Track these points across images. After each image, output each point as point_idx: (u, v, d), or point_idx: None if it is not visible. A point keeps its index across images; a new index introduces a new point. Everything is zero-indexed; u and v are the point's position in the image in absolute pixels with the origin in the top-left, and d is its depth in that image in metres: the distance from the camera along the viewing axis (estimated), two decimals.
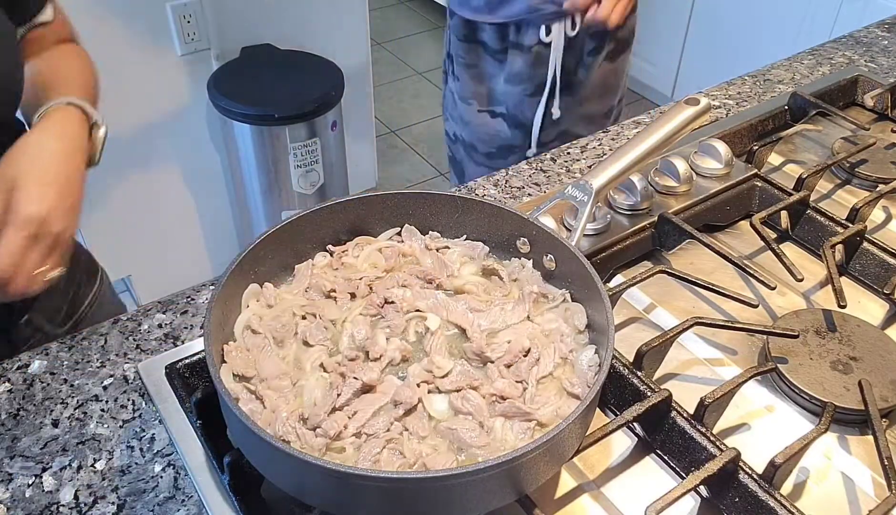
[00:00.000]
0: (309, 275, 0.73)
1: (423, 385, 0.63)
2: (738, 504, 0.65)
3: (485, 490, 0.55)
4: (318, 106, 2.05)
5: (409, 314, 0.69)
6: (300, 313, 0.69)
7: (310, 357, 0.65)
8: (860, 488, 0.69)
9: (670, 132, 0.81)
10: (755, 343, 0.81)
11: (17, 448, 0.68)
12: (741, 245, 0.96)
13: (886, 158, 1.06)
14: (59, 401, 0.73)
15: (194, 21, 2.06)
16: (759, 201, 0.99)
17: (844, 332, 0.79)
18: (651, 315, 0.86)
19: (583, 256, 0.68)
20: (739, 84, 1.27)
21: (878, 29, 1.45)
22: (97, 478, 0.66)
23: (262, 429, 0.54)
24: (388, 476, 0.54)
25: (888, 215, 1.00)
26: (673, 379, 0.78)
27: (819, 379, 0.74)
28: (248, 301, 0.69)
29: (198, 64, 2.13)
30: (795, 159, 1.10)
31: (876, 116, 1.19)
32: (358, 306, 0.70)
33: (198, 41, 2.10)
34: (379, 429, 0.60)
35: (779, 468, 0.63)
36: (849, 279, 0.91)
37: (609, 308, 0.63)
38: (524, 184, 1.03)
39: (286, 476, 0.58)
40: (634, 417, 0.67)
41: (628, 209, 0.91)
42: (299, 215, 0.73)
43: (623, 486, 0.68)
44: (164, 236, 2.36)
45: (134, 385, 0.75)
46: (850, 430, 0.74)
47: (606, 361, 0.59)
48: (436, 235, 0.78)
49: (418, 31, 4.17)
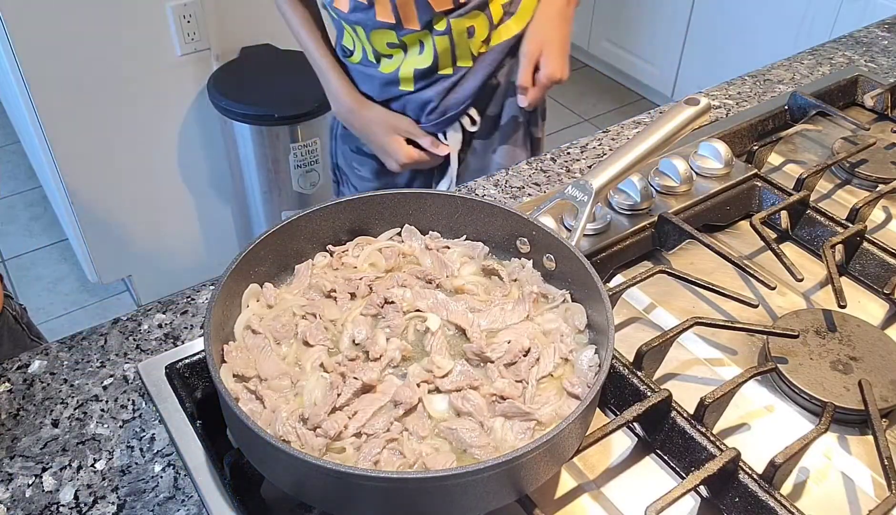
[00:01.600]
0: (309, 275, 0.73)
1: (423, 385, 0.63)
2: (738, 504, 0.65)
3: (485, 490, 0.55)
4: (318, 106, 2.05)
5: (409, 314, 0.69)
6: (300, 313, 0.69)
7: (310, 357, 0.65)
8: (860, 488, 0.69)
9: (670, 132, 0.81)
10: (755, 343, 0.81)
11: (17, 448, 0.68)
12: (741, 245, 0.96)
13: (886, 158, 1.06)
14: (59, 401, 0.73)
15: (194, 21, 2.06)
16: (759, 201, 0.99)
17: (844, 332, 0.79)
18: (651, 315, 0.86)
19: (583, 256, 0.68)
20: (739, 84, 1.27)
21: (878, 29, 1.45)
22: (97, 478, 0.66)
23: (262, 429, 0.54)
24: (388, 476, 0.54)
25: (888, 215, 1.00)
26: (673, 379, 0.78)
27: (819, 379, 0.74)
28: (248, 301, 0.69)
29: (198, 64, 2.13)
30: (795, 159, 1.10)
31: (876, 116, 1.19)
32: (358, 306, 0.70)
33: (198, 41, 2.10)
34: (379, 429, 0.60)
35: (779, 468, 0.63)
36: (849, 279, 0.91)
37: (609, 308, 0.63)
38: (524, 184, 1.03)
39: (286, 476, 0.58)
40: (634, 417, 0.67)
41: (628, 209, 0.91)
42: (299, 215, 0.73)
43: (623, 486, 0.68)
44: (164, 236, 2.35)
45: (134, 385, 0.75)
46: (850, 430, 0.73)
47: (606, 361, 0.59)
48: (436, 235, 0.78)
49: None
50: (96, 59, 1.95)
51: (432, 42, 1.12)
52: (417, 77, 1.16)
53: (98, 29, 1.91)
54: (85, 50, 1.92)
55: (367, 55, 1.18)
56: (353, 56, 1.21)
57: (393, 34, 1.12)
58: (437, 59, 1.14)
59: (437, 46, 1.12)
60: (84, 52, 1.92)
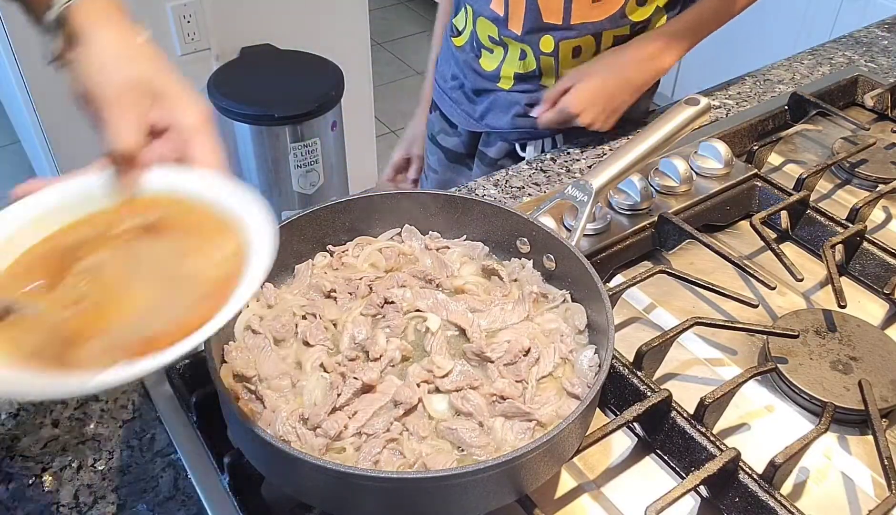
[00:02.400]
0: (309, 275, 0.73)
1: (423, 385, 0.63)
2: (738, 504, 0.65)
3: (485, 490, 0.55)
4: (318, 106, 2.05)
5: (409, 314, 0.69)
6: (300, 313, 0.69)
7: (310, 357, 0.65)
8: (860, 488, 0.69)
9: (670, 132, 0.81)
10: (755, 343, 0.81)
11: (16, 448, 0.68)
12: (741, 245, 0.96)
13: (886, 158, 1.06)
14: (59, 401, 0.73)
15: (194, 21, 2.06)
16: (759, 200, 0.99)
17: (844, 332, 0.79)
18: (651, 315, 0.86)
19: (583, 256, 0.68)
20: (739, 84, 1.27)
21: (878, 29, 1.45)
22: (97, 478, 0.66)
23: (262, 429, 0.54)
24: (388, 476, 0.54)
25: (888, 215, 1.00)
26: (673, 379, 0.78)
27: (819, 379, 0.74)
28: (248, 301, 0.69)
29: (198, 64, 2.13)
30: (795, 159, 1.10)
31: (876, 116, 1.19)
32: (358, 306, 0.70)
33: (198, 41, 2.10)
34: (379, 429, 0.60)
35: (779, 468, 0.63)
36: (849, 279, 0.91)
37: (609, 308, 0.63)
38: (524, 184, 1.03)
39: (286, 476, 0.58)
40: (634, 417, 0.67)
41: (628, 209, 0.91)
42: (299, 215, 0.73)
43: (623, 486, 0.68)
44: None
45: (134, 385, 0.75)
46: (850, 430, 0.73)
47: (606, 361, 0.59)
48: (436, 235, 0.78)
49: (418, 31, 4.17)
50: None
51: (535, 55, 1.10)
52: (518, 79, 1.14)
53: None
54: None
55: (472, 42, 1.17)
56: (460, 38, 1.19)
57: (496, 30, 1.10)
58: (541, 69, 1.11)
59: (541, 62, 1.10)
60: None
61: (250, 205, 0.55)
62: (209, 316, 0.47)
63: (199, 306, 0.49)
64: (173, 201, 0.58)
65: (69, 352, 0.47)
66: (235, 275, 0.50)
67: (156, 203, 0.58)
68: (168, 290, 0.52)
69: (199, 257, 0.54)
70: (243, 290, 0.49)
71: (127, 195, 0.58)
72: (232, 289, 0.49)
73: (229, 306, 0.48)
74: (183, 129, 0.59)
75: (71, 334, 0.49)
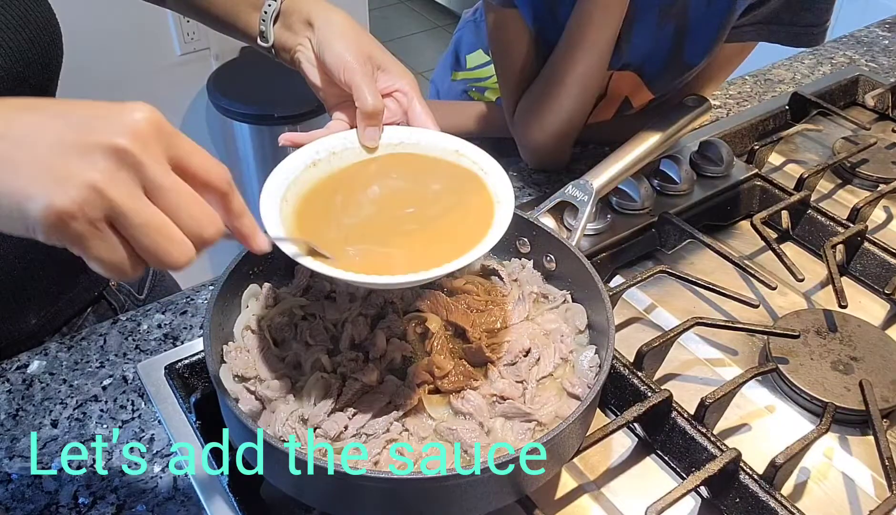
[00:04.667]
0: (309, 275, 0.73)
1: (423, 385, 0.63)
2: (739, 504, 0.65)
3: (485, 491, 0.55)
4: (318, 106, 2.05)
5: (408, 315, 0.69)
6: (300, 314, 0.69)
7: (310, 358, 0.65)
8: (861, 488, 0.69)
9: (671, 132, 0.81)
10: (756, 343, 0.81)
11: (16, 448, 0.68)
12: (741, 245, 0.96)
13: (887, 158, 1.06)
14: (59, 401, 0.73)
15: (194, 21, 2.06)
16: (759, 200, 0.99)
17: (845, 332, 0.79)
18: (651, 315, 0.86)
19: (583, 256, 0.68)
20: (740, 84, 1.27)
21: (879, 28, 1.45)
22: (97, 478, 0.66)
23: (262, 429, 0.54)
24: (388, 477, 0.54)
25: (889, 215, 1.00)
26: (673, 379, 0.78)
27: (820, 379, 0.74)
28: (248, 301, 0.69)
29: (197, 64, 2.13)
30: (796, 159, 1.10)
31: (877, 115, 1.19)
32: (358, 306, 0.70)
33: (197, 41, 2.10)
34: (379, 430, 0.59)
35: (779, 468, 0.63)
36: (849, 279, 0.90)
37: (609, 308, 0.63)
38: (524, 184, 1.03)
39: (286, 476, 0.58)
40: (635, 417, 0.67)
41: (628, 209, 0.91)
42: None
43: (623, 486, 0.68)
44: None
45: (133, 386, 0.75)
46: (851, 430, 0.73)
47: (607, 361, 0.59)
48: None
49: (418, 31, 4.17)
50: (96, 58, 1.95)
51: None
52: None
53: (98, 29, 1.91)
54: (84, 49, 1.92)
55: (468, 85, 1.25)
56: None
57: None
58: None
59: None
60: (84, 52, 1.92)
61: (483, 159, 0.63)
62: (477, 240, 0.56)
63: (468, 233, 0.58)
64: (412, 156, 0.66)
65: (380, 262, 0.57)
66: (489, 217, 0.59)
67: (397, 158, 0.66)
68: (436, 221, 0.61)
69: (454, 198, 0.63)
70: (502, 216, 0.58)
71: (373, 149, 0.66)
72: (488, 226, 0.58)
73: (494, 230, 0.57)
74: (401, 94, 0.69)
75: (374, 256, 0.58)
